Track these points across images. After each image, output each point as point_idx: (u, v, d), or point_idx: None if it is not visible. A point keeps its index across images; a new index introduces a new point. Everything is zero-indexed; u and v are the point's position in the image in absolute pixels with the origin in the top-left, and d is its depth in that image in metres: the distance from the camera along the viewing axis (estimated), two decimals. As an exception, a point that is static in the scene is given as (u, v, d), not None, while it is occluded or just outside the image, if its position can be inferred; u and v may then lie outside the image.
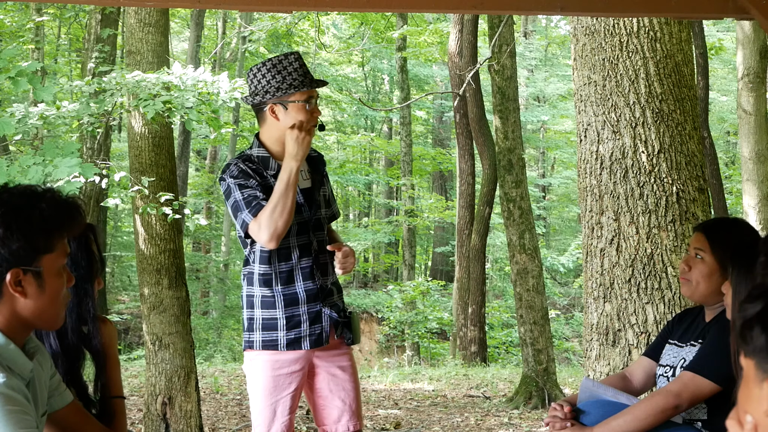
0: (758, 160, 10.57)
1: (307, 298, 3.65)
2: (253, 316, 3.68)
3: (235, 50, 21.61)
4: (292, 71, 3.60)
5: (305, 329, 3.64)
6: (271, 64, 3.62)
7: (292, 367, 3.65)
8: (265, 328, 3.66)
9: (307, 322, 3.64)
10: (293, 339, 3.64)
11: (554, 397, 9.99)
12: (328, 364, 3.73)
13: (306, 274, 3.65)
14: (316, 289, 3.67)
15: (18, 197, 2.23)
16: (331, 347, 3.73)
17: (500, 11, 7.90)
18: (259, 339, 3.66)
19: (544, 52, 28.01)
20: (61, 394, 2.44)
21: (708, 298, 3.35)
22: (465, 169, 15.74)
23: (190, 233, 20.26)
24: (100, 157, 12.53)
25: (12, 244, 2.18)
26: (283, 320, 3.63)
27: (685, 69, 4.85)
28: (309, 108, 3.62)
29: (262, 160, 3.66)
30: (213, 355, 17.95)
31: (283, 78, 3.59)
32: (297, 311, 3.64)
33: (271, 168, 3.65)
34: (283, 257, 3.63)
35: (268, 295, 3.65)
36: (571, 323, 22.08)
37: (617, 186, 4.72)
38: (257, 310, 3.67)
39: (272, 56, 3.76)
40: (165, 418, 7.47)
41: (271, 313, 3.65)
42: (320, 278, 3.69)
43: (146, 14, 7.72)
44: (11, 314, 2.21)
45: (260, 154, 3.67)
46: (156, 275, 7.56)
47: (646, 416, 3.12)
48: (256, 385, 3.68)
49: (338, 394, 3.74)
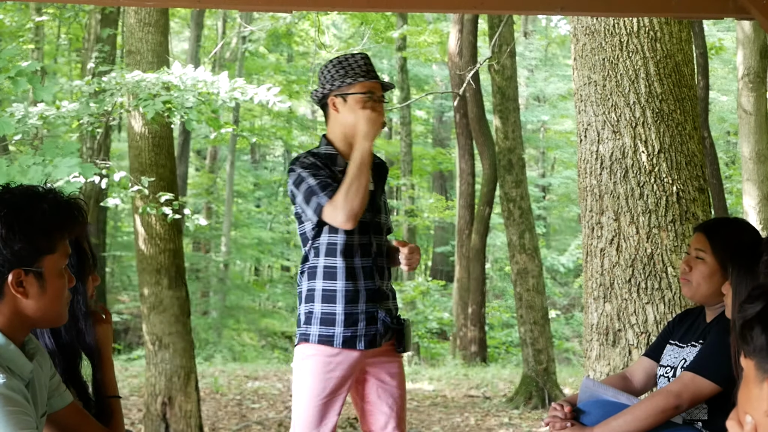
0: (758, 160, 10.56)
1: (366, 297, 3.66)
2: (312, 310, 3.66)
3: (235, 50, 21.60)
4: (355, 65, 3.65)
5: (361, 328, 3.64)
6: (337, 60, 3.69)
7: (344, 371, 3.64)
8: (323, 322, 3.64)
9: (364, 321, 3.64)
10: (349, 337, 3.63)
11: (554, 397, 9.99)
12: (378, 370, 3.73)
13: (367, 273, 3.67)
14: (375, 289, 3.68)
15: (20, 197, 2.23)
16: (382, 354, 3.72)
17: (500, 11, 7.90)
18: (315, 333, 3.64)
19: (544, 52, 27.99)
20: (61, 395, 2.44)
21: (709, 298, 3.35)
22: (465, 169, 15.74)
23: (190, 233, 20.24)
24: (100, 157, 12.54)
25: (14, 244, 2.18)
26: (342, 316, 3.62)
27: (685, 69, 4.84)
28: (370, 102, 3.63)
29: (330, 156, 3.69)
30: (213, 355, 17.94)
31: (345, 71, 3.65)
32: (356, 309, 3.64)
33: (339, 165, 3.68)
34: (348, 253, 3.63)
35: (330, 289, 3.65)
36: (571, 323, 22.06)
37: (617, 186, 4.71)
38: (317, 304, 3.65)
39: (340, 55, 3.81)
40: (165, 418, 7.47)
41: (330, 307, 3.64)
42: (379, 280, 3.70)
43: (146, 14, 7.72)
44: (12, 314, 2.22)
45: (327, 151, 3.71)
46: (156, 275, 7.56)
47: (647, 416, 3.12)
48: (304, 385, 3.65)
49: (386, 400, 3.74)
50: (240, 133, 19.05)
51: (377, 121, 3.59)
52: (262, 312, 22.97)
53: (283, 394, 10.84)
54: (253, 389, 11.28)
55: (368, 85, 3.65)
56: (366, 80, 3.64)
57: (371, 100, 3.64)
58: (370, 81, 3.65)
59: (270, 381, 12.17)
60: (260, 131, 23.73)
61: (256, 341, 21.48)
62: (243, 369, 13.69)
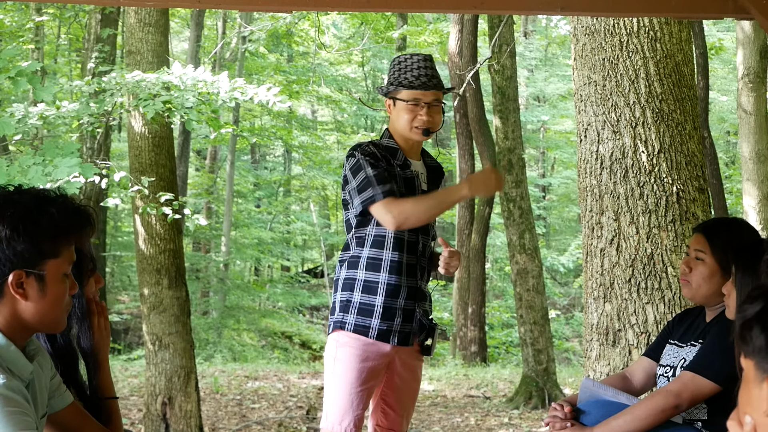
0: (758, 160, 10.56)
1: (407, 294, 3.67)
2: (350, 299, 3.67)
3: (235, 50, 21.59)
4: (410, 69, 3.67)
5: (397, 323, 3.66)
6: (399, 59, 3.72)
7: (378, 361, 3.66)
8: (361, 312, 3.65)
9: (400, 317, 3.66)
10: (384, 330, 3.64)
11: (554, 397, 9.99)
12: (402, 370, 3.75)
13: (411, 270, 3.68)
14: (416, 287, 3.70)
15: (29, 199, 2.23)
16: (409, 355, 3.75)
17: (500, 11, 7.90)
18: (352, 321, 3.65)
19: (544, 52, 27.98)
20: (62, 396, 2.44)
21: (709, 299, 3.35)
22: (465, 169, 15.73)
23: (190, 233, 20.24)
24: (100, 157, 12.54)
25: (17, 245, 2.18)
26: (380, 308, 3.64)
27: (685, 69, 4.84)
28: (416, 109, 3.66)
29: (389, 149, 3.72)
30: (213, 355, 17.94)
31: (400, 74, 3.68)
32: (395, 303, 3.66)
33: (398, 158, 3.71)
34: (396, 247, 3.65)
35: (372, 280, 3.66)
36: (571, 323, 22.06)
37: (617, 186, 4.71)
38: (356, 293, 3.66)
39: (405, 53, 3.85)
40: (165, 418, 7.47)
41: (370, 298, 3.66)
42: (420, 279, 3.72)
43: (146, 14, 7.72)
44: (11, 316, 2.22)
45: (389, 144, 3.75)
46: (156, 275, 7.56)
47: (646, 416, 3.12)
48: (337, 373, 3.67)
49: (400, 400, 3.78)
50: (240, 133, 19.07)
51: (490, 188, 3.66)
52: (262, 312, 22.96)
53: (283, 394, 10.85)
54: (253, 389, 11.28)
55: (417, 93, 3.66)
56: (415, 90, 3.65)
57: (417, 106, 3.66)
58: (419, 90, 3.66)
59: (270, 381, 12.17)
60: (260, 131, 23.72)
61: (256, 341, 21.47)
62: (243, 369, 13.69)
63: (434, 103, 3.69)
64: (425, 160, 3.86)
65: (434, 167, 3.86)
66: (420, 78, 3.66)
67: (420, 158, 3.83)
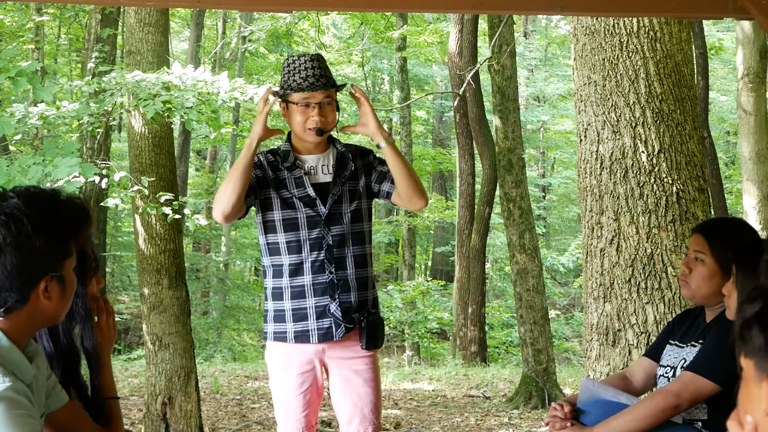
0: (758, 160, 10.56)
1: (315, 292, 3.68)
2: (267, 308, 3.79)
3: (235, 50, 21.60)
4: (298, 71, 3.65)
5: (312, 323, 3.68)
6: (288, 62, 3.71)
7: (304, 366, 3.71)
8: (276, 319, 3.73)
9: (314, 317, 3.68)
10: (300, 332, 3.69)
11: (554, 397, 9.99)
12: (339, 366, 3.75)
13: (317, 268, 3.68)
14: (326, 283, 3.69)
15: (48, 203, 2.25)
16: (344, 348, 3.74)
17: (500, 11, 7.90)
18: (271, 330, 3.74)
19: (544, 52, 27.99)
20: (57, 395, 2.44)
21: (709, 299, 3.34)
22: (465, 169, 15.73)
23: (190, 233, 20.24)
24: (100, 157, 12.53)
25: (48, 252, 2.20)
26: (290, 312, 3.69)
27: (685, 69, 4.85)
28: (307, 111, 3.66)
29: (282, 154, 3.75)
30: (213, 355, 17.94)
31: (289, 77, 3.67)
32: (304, 304, 3.68)
33: (288, 161, 3.74)
34: (293, 251, 3.68)
35: (277, 287, 3.72)
36: (571, 323, 22.07)
37: (617, 186, 4.71)
38: (269, 302, 3.76)
39: (293, 54, 3.83)
40: (165, 418, 7.47)
41: (280, 304, 3.72)
42: (333, 272, 3.70)
43: (146, 14, 7.72)
44: (27, 319, 2.23)
45: (285, 148, 3.77)
46: (156, 275, 7.56)
47: (646, 416, 3.12)
48: (273, 383, 3.82)
49: (350, 397, 3.76)
50: (240, 133, 19.06)
51: (258, 120, 3.64)
52: (262, 312, 22.97)
53: (283, 394, 10.82)
54: (253, 389, 11.28)
55: (307, 95, 3.65)
56: (303, 91, 3.63)
57: (308, 107, 3.66)
58: (307, 92, 3.64)
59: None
60: (260, 131, 23.69)
61: (256, 341, 21.47)
62: (243, 369, 13.69)
63: (326, 103, 3.68)
64: (336, 148, 3.81)
65: (343, 153, 3.80)
66: (308, 79, 3.64)
67: (324, 150, 3.78)
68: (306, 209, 3.68)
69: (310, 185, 3.71)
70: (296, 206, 3.69)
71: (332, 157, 3.79)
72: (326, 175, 3.77)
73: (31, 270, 2.18)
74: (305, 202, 3.69)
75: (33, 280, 2.20)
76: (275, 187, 3.69)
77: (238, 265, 25.29)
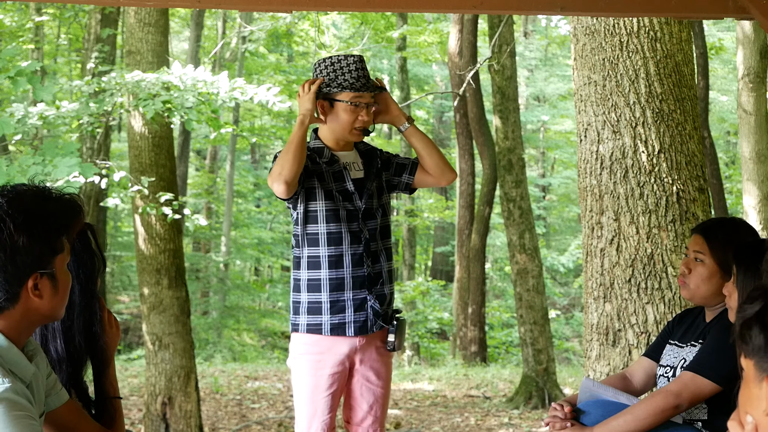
0: (758, 160, 10.55)
1: (353, 284, 3.71)
2: (299, 300, 3.75)
3: (235, 50, 21.59)
4: (348, 71, 3.70)
5: (349, 315, 3.71)
6: (332, 60, 3.73)
7: (336, 368, 3.71)
8: (311, 311, 3.72)
9: (351, 309, 3.71)
10: (337, 324, 3.70)
11: (554, 397, 9.99)
12: (365, 368, 3.78)
13: (356, 261, 3.71)
14: (364, 276, 3.73)
15: (32, 200, 2.24)
16: (371, 348, 3.77)
17: (500, 11, 7.90)
18: (304, 322, 3.72)
19: (544, 52, 27.97)
20: (58, 394, 2.44)
21: (708, 299, 3.34)
22: (465, 169, 15.73)
23: (190, 233, 20.25)
24: (100, 157, 12.53)
25: (34, 250, 2.20)
26: (328, 303, 3.70)
27: (685, 69, 4.84)
28: (357, 111, 3.71)
29: (317, 149, 3.78)
30: (213, 355, 17.94)
31: (337, 75, 3.70)
32: (342, 296, 3.70)
33: (325, 156, 3.77)
34: (333, 242, 3.71)
35: (314, 278, 3.72)
36: (571, 323, 22.07)
37: (617, 186, 4.71)
38: (303, 293, 3.74)
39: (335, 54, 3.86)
40: (165, 418, 7.48)
41: (316, 296, 3.71)
42: (370, 266, 3.75)
43: (146, 14, 7.72)
44: (22, 317, 2.23)
45: (315, 145, 3.80)
46: (156, 275, 7.56)
47: (646, 416, 3.12)
48: (299, 384, 3.76)
49: (367, 398, 3.81)
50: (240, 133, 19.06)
51: (303, 100, 3.68)
52: (262, 312, 22.97)
53: (283, 394, 10.84)
54: (253, 389, 11.28)
55: (357, 95, 3.70)
56: (356, 91, 3.69)
57: (358, 107, 3.71)
58: (359, 92, 3.70)
59: (270, 381, 12.17)
60: (260, 131, 23.73)
61: (256, 341, 21.49)
62: (243, 369, 13.70)
63: (372, 103, 3.76)
64: (357, 147, 3.90)
65: (367, 151, 3.90)
66: (360, 79, 3.70)
67: (352, 148, 3.87)
68: (345, 203, 3.73)
69: (350, 180, 3.77)
70: (336, 199, 3.74)
71: (358, 154, 3.87)
72: (358, 171, 3.83)
73: (15, 268, 2.18)
74: (344, 196, 3.75)
75: (20, 278, 2.19)
76: (318, 178, 3.72)
77: (238, 265, 25.29)
